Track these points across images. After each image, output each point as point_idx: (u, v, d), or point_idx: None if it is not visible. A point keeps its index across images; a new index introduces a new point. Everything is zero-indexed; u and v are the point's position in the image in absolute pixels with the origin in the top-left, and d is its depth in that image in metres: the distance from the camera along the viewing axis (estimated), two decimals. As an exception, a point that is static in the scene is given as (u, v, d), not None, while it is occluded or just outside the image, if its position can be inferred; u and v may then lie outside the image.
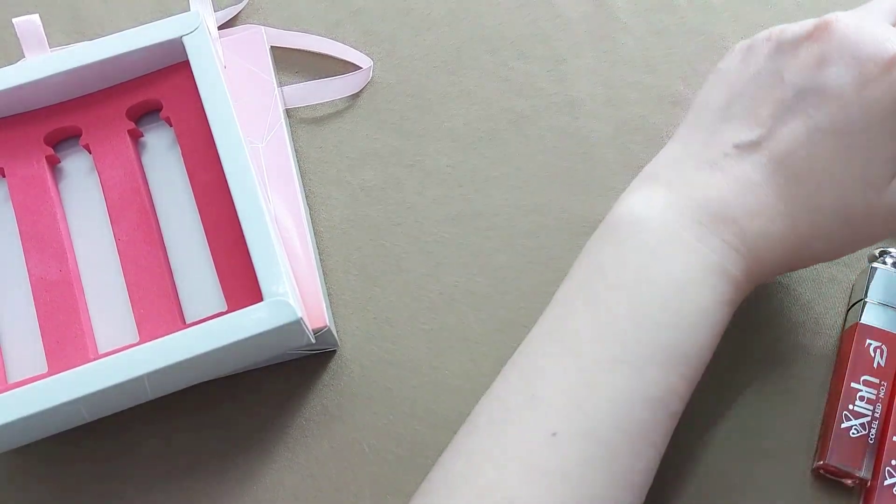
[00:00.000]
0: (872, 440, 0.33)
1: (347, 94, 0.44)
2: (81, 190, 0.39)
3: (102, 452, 0.37)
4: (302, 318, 0.33)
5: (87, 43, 0.40)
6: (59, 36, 0.47)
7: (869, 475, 0.33)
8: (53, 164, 0.40)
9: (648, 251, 0.29)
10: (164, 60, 0.40)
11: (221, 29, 0.45)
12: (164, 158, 0.40)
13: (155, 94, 0.40)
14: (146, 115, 0.41)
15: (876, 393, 0.34)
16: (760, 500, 0.34)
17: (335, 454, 0.37)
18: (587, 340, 0.29)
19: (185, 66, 0.40)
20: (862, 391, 0.34)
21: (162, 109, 0.40)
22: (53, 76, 0.39)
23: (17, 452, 0.37)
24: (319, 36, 0.45)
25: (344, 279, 0.40)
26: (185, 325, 0.36)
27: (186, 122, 0.39)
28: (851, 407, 0.34)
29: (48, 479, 0.37)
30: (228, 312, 0.34)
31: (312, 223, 0.41)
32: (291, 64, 0.45)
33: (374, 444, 0.37)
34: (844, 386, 0.34)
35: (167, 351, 0.32)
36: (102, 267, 0.37)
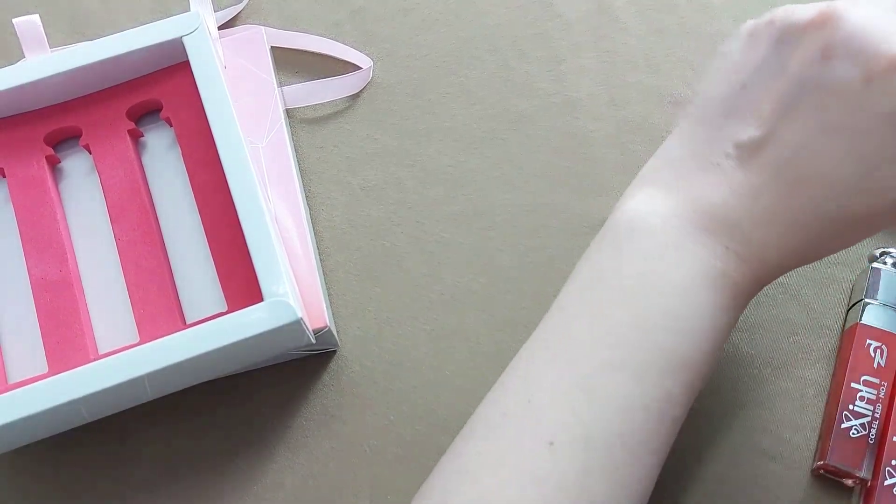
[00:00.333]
0: (872, 440, 0.33)
1: (347, 94, 0.44)
2: (81, 190, 0.39)
3: (102, 453, 0.37)
4: (302, 318, 0.33)
5: (87, 43, 0.40)
6: (59, 36, 0.47)
7: (869, 475, 0.33)
8: (53, 164, 0.40)
9: (649, 257, 0.29)
10: (164, 61, 0.40)
11: (221, 29, 0.45)
12: (164, 158, 0.40)
13: (155, 94, 0.40)
14: (146, 115, 0.41)
15: (876, 393, 0.34)
16: (761, 500, 0.34)
17: (335, 454, 0.37)
18: (586, 346, 0.28)
19: (185, 66, 0.40)
20: (862, 391, 0.34)
21: (162, 109, 0.40)
22: (53, 76, 0.39)
23: (17, 452, 0.37)
24: (319, 36, 0.45)
25: (344, 279, 0.40)
26: (185, 325, 0.36)
27: (186, 122, 0.39)
28: (851, 407, 0.34)
29: (48, 479, 0.37)
30: (228, 313, 0.34)
31: (312, 223, 0.41)
32: (291, 64, 0.45)
33: (374, 444, 0.37)
34: (844, 386, 0.34)
35: (167, 351, 0.32)
36: (102, 267, 0.37)
